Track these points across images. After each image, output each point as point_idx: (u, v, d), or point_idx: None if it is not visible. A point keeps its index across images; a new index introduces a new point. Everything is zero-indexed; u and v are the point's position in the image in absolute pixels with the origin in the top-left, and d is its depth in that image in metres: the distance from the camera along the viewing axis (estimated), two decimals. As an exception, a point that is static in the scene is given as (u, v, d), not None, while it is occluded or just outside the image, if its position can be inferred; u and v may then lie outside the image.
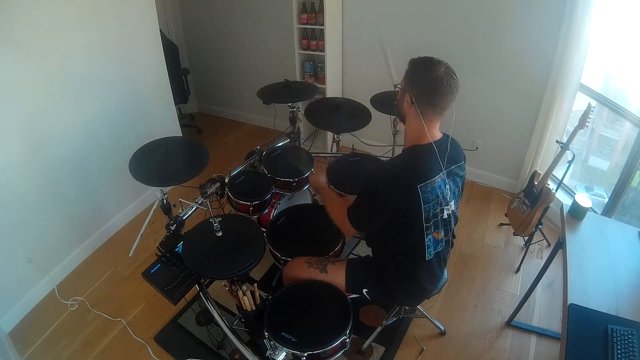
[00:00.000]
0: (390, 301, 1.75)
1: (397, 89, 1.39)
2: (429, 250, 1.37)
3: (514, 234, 2.23)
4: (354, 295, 1.54)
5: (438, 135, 1.33)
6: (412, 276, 1.44)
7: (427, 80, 1.23)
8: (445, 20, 2.60)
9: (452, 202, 1.38)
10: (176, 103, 3.21)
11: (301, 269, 1.56)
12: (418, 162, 1.29)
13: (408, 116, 1.32)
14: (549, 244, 2.42)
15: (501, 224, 2.63)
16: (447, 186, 1.34)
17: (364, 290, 1.52)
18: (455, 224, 1.46)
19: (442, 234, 1.39)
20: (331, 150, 2.80)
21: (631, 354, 1.10)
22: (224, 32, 3.62)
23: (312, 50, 3.03)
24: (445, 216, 1.36)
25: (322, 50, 2.96)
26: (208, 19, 3.64)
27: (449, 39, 2.62)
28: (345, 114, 2.25)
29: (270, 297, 1.50)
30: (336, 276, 1.52)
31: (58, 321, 2.11)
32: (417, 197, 1.25)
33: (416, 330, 1.98)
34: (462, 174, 1.42)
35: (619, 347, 1.12)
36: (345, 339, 1.37)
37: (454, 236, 1.50)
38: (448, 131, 1.38)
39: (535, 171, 2.18)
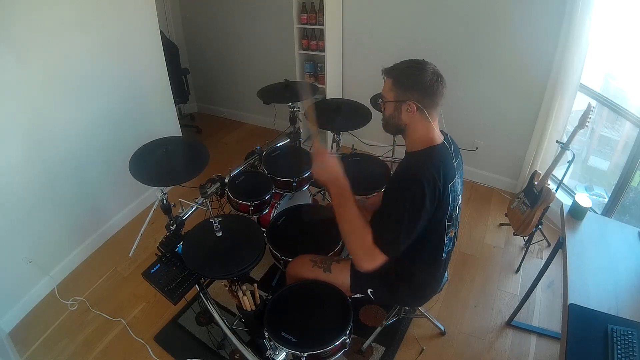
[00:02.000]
0: (395, 302, 1.75)
1: (382, 102, 1.30)
2: (446, 249, 1.37)
3: (514, 234, 2.23)
4: (358, 295, 1.54)
5: (441, 134, 1.32)
6: (420, 277, 1.44)
7: (427, 82, 1.21)
8: (446, 20, 2.60)
9: (460, 196, 1.38)
10: (176, 103, 3.21)
11: (305, 268, 1.55)
12: (443, 162, 1.25)
13: (410, 124, 1.26)
14: (549, 244, 2.42)
15: (501, 224, 2.63)
16: (459, 182, 1.34)
17: (369, 291, 1.50)
18: (459, 215, 1.45)
19: (453, 231, 1.39)
20: (331, 150, 2.80)
21: (631, 354, 1.10)
22: (224, 32, 3.62)
23: (312, 50, 3.03)
24: (457, 212, 1.36)
25: (322, 50, 2.96)
26: (208, 19, 3.64)
27: (450, 39, 2.62)
28: (345, 114, 2.25)
29: (270, 297, 1.50)
30: (340, 275, 1.51)
31: (58, 321, 2.11)
32: (448, 197, 1.24)
33: (416, 330, 1.98)
34: (462, 165, 1.42)
35: (619, 347, 1.12)
36: (345, 339, 1.37)
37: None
38: (442, 127, 1.37)
39: (535, 171, 2.18)
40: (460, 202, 1.38)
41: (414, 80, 1.22)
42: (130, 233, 2.62)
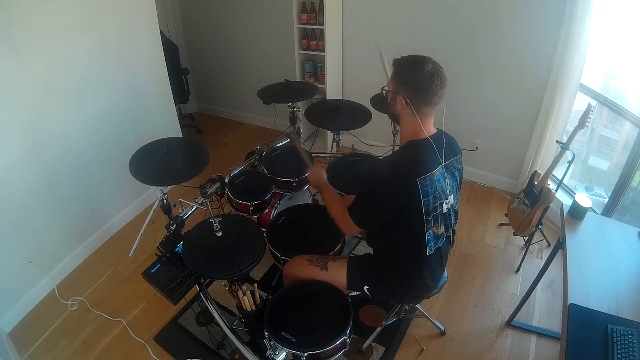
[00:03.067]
0: (391, 299, 1.75)
1: (385, 91, 1.39)
2: (430, 245, 1.38)
3: (514, 234, 2.23)
4: (355, 293, 1.55)
5: (433, 130, 1.35)
6: (413, 273, 1.45)
7: (419, 80, 1.24)
8: (446, 20, 2.60)
9: (452, 196, 1.39)
10: (176, 103, 3.21)
11: (301, 267, 1.56)
12: (416, 156, 1.30)
13: (403, 116, 1.34)
14: (549, 244, 2.42)
15: (501, 224, 2.63)
16: (447, 180, 1.35)
17: (365, 287, 1.52)
18: (455, 218, 1.47)
19: (442, 229, 1.40)
20: (331, 150, 2.80)
21: (631, 354, 1.10)
22: (224, 32, 3.62)
23: (312, 50, 3.03)
24: (445, 210, 1.37)
25: (322, 50, 2.96)
26: (208, 19, 3.64)
27: (450, 39, 2.62)
28: (345, 114, 2.25)
29: (270, 297, 1.50)
30: (337, 273, 1.52)
31: (58, 321, 2.11)
32: (416, 191, 1.26)
33: (416, 330, 1.98)
34: (459, 167, 1.43)
35: (619, 347, 1.12)
36: (345, 339, 1.37)
37: (453, 232, 1.50)
38: (441, 126, 1.40)
39: (535, 171, 2.18)
40: (449, 200, 1.38)
41: (408, 77, 1.27)
42: (130, 233, 2.62)
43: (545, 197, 2.01)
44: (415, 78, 1.25)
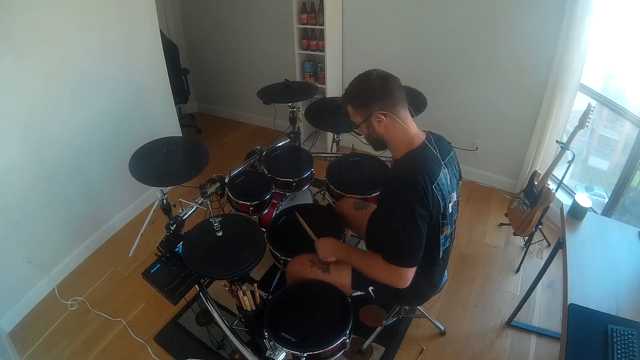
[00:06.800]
0: (396, 301, 1.75)
1: (357, 129, 1.40)
2: (442, 248, 1.38)
3: (514, 234, 2.23)
4: (358, 293, 1.54)
5: (421, 133, 1.35)
6: (423, 276, 1.44)
7: (377, 89, 1.26)
8: (446, 20, 2.60)
9: (454, 194, 1.39)
10: (176, 103, 3.21)
11: (304, 268, 1.56)
12: (423, 164, 1.27)
13: (387, 133, 1.32)
14: (549, 244, 2.42)
15: (501, 224, 2.63)
16: (449, 179, 1.35)
17: (370, 288, 1.51)
18: (456, 212, 1.46)
19: (449, 229, 1.39)
20: (331, 150, 2.80)
21: (631, 354, 1.10)
22: (224, 32, 3.62)
23: (312, 50, 3.03)
24: (450, 210, 1.37)
25: (322, 50, 2.96)
26: (208, 19, 3.64)
27: (450, 39, 2.62)
28: (345, 114, 2.25)
29: (270, 297, 1.50)
30: (340, 275, 1.51)
31: (58, 321, 2.11)
32: (436, 198, 1.25)
33: (416, 330, 1.98)
34: (455, 162, 1.43)
35: (619, 347, 1.12)
36: (345, 339, 1.37)
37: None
38: (431, 128, 1.41)
39: (535, 171, 2.18)
40: (455, 200, 1.38)
41: (366, 94, 1.29)
42: (130, 233, 2.62)
43: (545, 197, 2.01)
44: (372, 90, 1.26)
